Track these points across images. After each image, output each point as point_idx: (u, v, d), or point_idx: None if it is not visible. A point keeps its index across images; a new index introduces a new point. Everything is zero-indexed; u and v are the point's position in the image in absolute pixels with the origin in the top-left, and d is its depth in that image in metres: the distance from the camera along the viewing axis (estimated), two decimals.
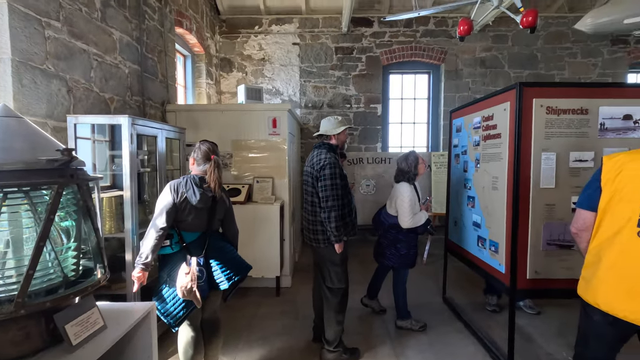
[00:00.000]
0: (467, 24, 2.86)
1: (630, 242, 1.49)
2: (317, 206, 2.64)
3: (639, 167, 1.51)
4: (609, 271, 1.55)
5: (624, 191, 1.53)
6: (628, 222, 1.50)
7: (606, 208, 1.58)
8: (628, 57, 6.12)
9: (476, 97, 6.13)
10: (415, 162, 3.07)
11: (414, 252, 3.12)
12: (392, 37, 6.08)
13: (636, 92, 2.40)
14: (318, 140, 2.81)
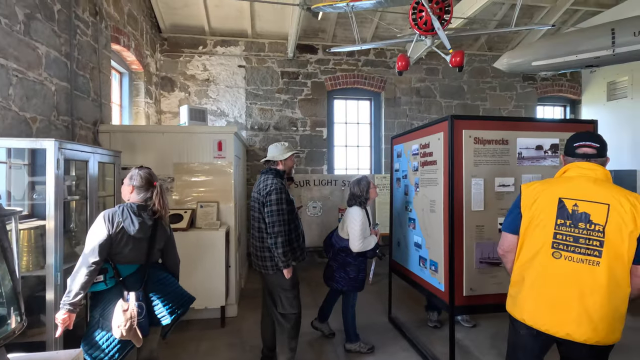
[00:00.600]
0: (405, 60, 3.13)
1: (546, 263, 1.68)
2: (264, 232, 2.61)
3: (550, 196, 1.70)
4: (531, 289, 1.72)
5: (540, 217, 1.71)
6: (544, 245, 1.69)
7: (526, 232, 1.76)
8: (536, 92, 7.08)
9: (413, 123, 6.61)
10: (366, 186, 3.17)
11: (362, 275, 3.19)
12: (336, 65, 6.36)
13: (544, 126, 2.78)
14: (265, 165, 2.81)
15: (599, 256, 1.57)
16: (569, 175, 1.74)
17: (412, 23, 2.87)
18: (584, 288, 1.58)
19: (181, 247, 2.33)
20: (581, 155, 1.73)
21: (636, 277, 1.58)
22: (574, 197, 1.65)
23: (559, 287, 1.63)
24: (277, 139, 6.21)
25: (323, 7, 3.24)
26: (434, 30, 2.78)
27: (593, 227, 1.59)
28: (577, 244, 1.61)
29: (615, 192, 1.60)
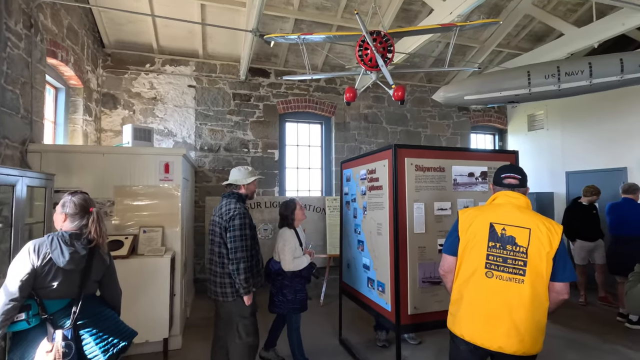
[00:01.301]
0: (352, 92, 3.33)
1: (480, 282, 1.86)
2: (225, 257, 2.57)
3: (483, 221, 1.91)
4: (469, 307, 1.88)
5: (474, 240, 1.90)
6: (478, 265, 1.87)
7: (463, 254, 1.94)
8: (470, 121, 7.81)
9: (362, 147, 6.92)
10: (293, 208, 3.28)
11: (301, 296, 3.19)
12: (288, 89, 6.51)
13: (475, 156, 3.10)
14: (227, 189, 2.79)
15: (524, 275, 1.77)
16: (498, 202, 1.97)
17: (358, 59, 3.09)
18: (512, 304, 1.77)
19: (121, 276, 2.19)
20: (507, 185, 1.97)
21: (553, 292, 1.81)
22: (502, 222, 1.86)
23: (492, 304, 1.81)
24: (227, 161, 6.13)
25: (275, 37, 3.36)
26: (378, 67, 3.02)
27: (518, 248, 1.80)
28: (506, 264, 1.81)
29: (535, 218, 1.85)
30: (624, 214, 4.56)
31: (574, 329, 4.33)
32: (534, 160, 7.32)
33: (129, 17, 5.11)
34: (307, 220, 5.90)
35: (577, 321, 4.57)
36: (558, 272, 1.78)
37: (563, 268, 1.78)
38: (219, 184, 6.04)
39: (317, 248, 5.93)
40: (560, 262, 1.78)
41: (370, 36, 2.85)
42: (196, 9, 5.10)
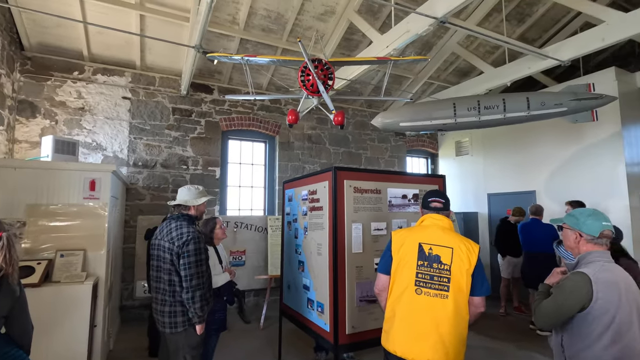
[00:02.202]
0: (294, 115, 3.41)
1: (411, 298, 1.98)
2: (176, 285, 2.38)
3: (413, 241, 2.05)
4: (401, 323, 1.98)
5: (406, 259, 2.04)
6: (409, 283, 1.99)
7: (396, 272, 2.06)
8: (406, 145, 8.37)
9: (305, 167, 7.02)
10: (212, 227, 3.23)
11: (219, 316, 3.03)
12: (231, 107, 6.44)
13: (408, 179, 3.33)
14: (174, 210, 2.62)
15: (448, 290, 1.93)
16: (425, 224, 2.14)
17: (300, 84, 3.19)
18: (438, 319, 1.90)
19: (31, 307, 1.94)
20: (433, 208, 2.16)
21: (472, 306, 1.98)
22: (429, 242, 2.03)
23: (421, 320, 1.93)
24: (164, 177, 5.81)
25: (219, 56, 3.34)
26: (319, 92, 3.15)
27: (443, 266, 1.96)
28: (432, 281, 1.96)
29: (456, 238, 2.04)
30: (532, 233, 5.17)
31: (494, 338, 4.73)
32: (461, 183, 8.02)
33: (58, 20, 4.72)
34: (248, 240, 5.80)
35: (497, 331, 5.00)
36: (476, 287, 1.95)
37: (481, 283, 1.96)
38: (153, 202, 5.68)
39: (259, 269, 5.81)
40: (478, 278, 1.96)
41: (312, 63, 2.98)
42: (134, 18, 4.89)
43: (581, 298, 1.64)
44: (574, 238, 1.84)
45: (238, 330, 5.01)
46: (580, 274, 1.68)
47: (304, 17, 5.47)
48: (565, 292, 1.70)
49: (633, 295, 1.65)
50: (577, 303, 1.65)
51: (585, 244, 1.81)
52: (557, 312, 1.71)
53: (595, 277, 1.63)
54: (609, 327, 1.60)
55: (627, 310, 1.61)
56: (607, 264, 1.70)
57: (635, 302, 1.64)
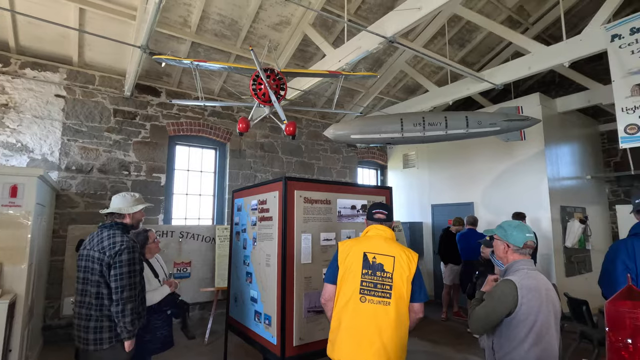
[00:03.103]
0: (245, 123, 3.36)
1: (356, 307, 2.02)
2: (104, 298, 2.19)
3: (358, 250, 2.12)
4: (346, 331, 2.01)
5: (351, 268, 2.09)
6: (354, 292, 2.04)
7: (342, 282, 2.10)
8: (357, 156, 8.61)
9: (257, 175, 6.92)
10: (144, 241, 2.91)
11: (162, 333, 2.82)
12: (180, 111, 6.18)
13: (356, 190, 3.42)
14: (107, 218, 2.41)
15: (390, 298, 2.00)
16: (370, 234, 2.22)
17: (252, 93, 3.16)
18: (381, 325, 1.97)
19: None
20: (377, 219, 2.25)
21: (412, 312, 2.07)
22: (373, 251, 2.10)
23: (365, 327, 1.98)
24: (102, 184, 5.38)
25: (166, 59, 3.20)
26: (271, 102, 3.14)
27: (385, 274, 2.04)
28: (376, 289, 2.02)
29: (398, 248, 2.13)
30: (468, 242, 5.55)
31: (435, 342, 4.97)
32: (408, 194, 8.41)
33: None
34: (194, 251, 5.54)
35: (439, 335, 5.26)
36: (415, 294, 2.06)
37: (419, 290, 2.07)
38: (88, 210, 5.22)
39: (205, 281, 5.56)
40: (416, 285, 2.06)
41: (264, 73, 2.97)
42: (73, 11, 4.52)
43: (508, 304, 1.78)
44: (503, 248, 2.01)
45: (181, 346, 4.72)
46: (507, 281, 1.84)
47: (259, 26, 5.45)
48: (494, 299, 1.83)
49: (552, 300, 1.83)
50: (505, 309, 1.79)
51: (512, 253, 1.98)
52: (487, 317, 1.84)
53: (520, 284, 1.79)
54: (531, 330, 1.75)
55: (547, 314, 1.78)
56: (530, 272, 1.87)
57: (554, 306, 1.83)
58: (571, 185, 6.58)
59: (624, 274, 2.17)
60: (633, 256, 2.18)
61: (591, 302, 4.11)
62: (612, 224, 7.21)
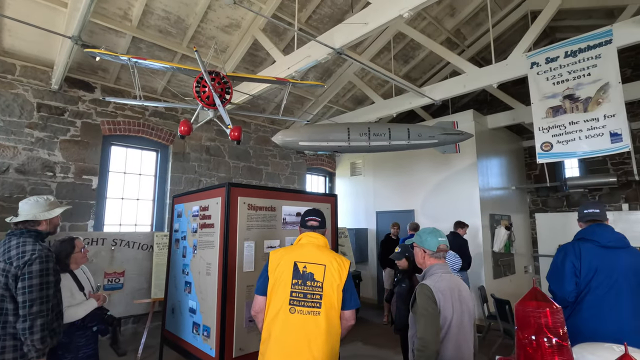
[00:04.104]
0: (187, 126, 3.22)
1: (285, 318, 1.96)
2: (9, 314, 1.93)
3: (289, 260, 2.06)
4: (275, 344, 1.95)
5: (281, 278, 2.02)
6: (283, 303, 1.98)
7: (272, 292, 2.03)
8: (306, 163, 8.67)
9: (202, 180, 6.65)
10: (69, 250, 2.60)
11: (86, 352, 2.56)
12: (117, 109, 5.75)
13: (301, 197, 3.44)
14: (17, 226, 2.14)
15: (320, 307, 1.97)
16: (302, 242, 2.17)
17: (195, 95, 3.05)
18: (311, 335, 1.93)
19: None
20: (309, 227, 2.21)
21: (343, 319, 2.05)
22: (304, 260, 2.05)
23: (294, 339, 1.93)
24: (20, 185, 4.80)
25: (100, 53, 2.96)
26: (215, 105, 3.05)
27: (316, 283, 2.00)
28: (306, 299, 1.97)
29: (329, 256, 2.09)
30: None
31: (378, 346, 5.12)
32: (354, 201, 8.64)
33: None
34: (129, 259, 5.15)
35: (381, 339, 5.43)
36: (346, 302, 2.04)
37: (350, 297, 2.05)
38: (2, 214, 4.62)
39: (141, 292, 5.19)
40: (347, 292, 2.04)
41: (208, 75, 2.88)
42: None
43: (435, 306, 1.88)
44: (421, 254, 2.15)
45: None
46: (423, 286, 1.96)
47: (208, 26, 5.29)
48: (423, 306, 1.89)
49: (465, 300, 1.98)
50: (437, 311, 1.88)
51: (428, 258, 2.12)
52: (432, 324, 1.83)
53: (435, 286, 1.93)
54: (445, 327, 1.88)
55: (460, 313, 1.93)
56: (444, 275, 2.02)
57: (467, 306, 1.98)
58: (499, 195, 7.23)
59: (572, 272, 2.41)
60: (579, 256, 2.42)
61: (514, 302, 4.52)
62: (532, 230, 8.04)
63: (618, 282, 2.31)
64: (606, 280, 2.33)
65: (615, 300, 2.29)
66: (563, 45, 4.39)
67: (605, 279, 2.33)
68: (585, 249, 2.44)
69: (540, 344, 1.15)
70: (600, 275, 2.34)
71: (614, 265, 2.34)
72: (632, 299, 2.28)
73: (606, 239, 2.43)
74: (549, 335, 1.14)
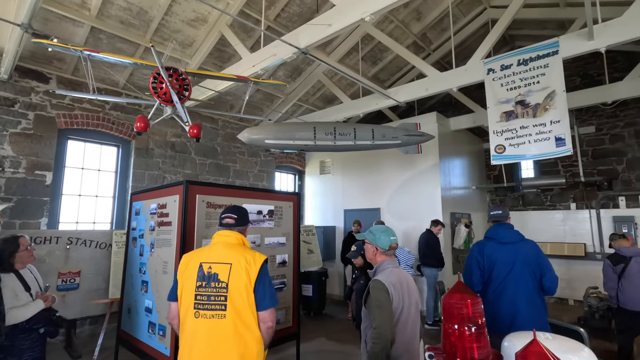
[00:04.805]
0: (144, 122, 3.14)
1: (191, 323, 1.87)
2: None
3: (195, 261, 1.95)
4: (183, 350, 1.88)
5: (187, 282, 1.92)
6: (189, 307, 1.88)
7: (181, 296, 1.93)
8: (275, 161, 8.65)
9: (166, 176, 6.50)
10: (12, 248, 2.51)
11: (30, 356, 2.47)
12: (75, 102, 5.50)
13: (263, 195, 3.46)
14: None
15: (225, 309, 1.83)
16: (213, 242, 2.05)
17: (152, 91, 2.99)
18: (216, 341, 1.81)
19: None
20: (224, 224, 2.09)
21: (261, 322, 1.89)
22: (210, 261, 1.93)
23: (199, 344, 1.82)
24: None
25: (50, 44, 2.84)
26: (173, 102, 3.00)
27: (220, 284, 1.86)
28: (210, 302, 1.85)
29: (238, 253, 1.94)
30: None
31: (342, 342, 5.23)
32: (323, 199, 8.73)
33: None
34: (86, 259, 4.96)
35: (345, 335, 5.55)
36: (258, 302, 1.89)
37: (262, 297, 1.89)
38: None
39: (98, 292, 5.01)
40: (259, 292, 1.89)
41: (165, 71, 2.83)
42: None
43: (389, 299, 1.96)
44: (373, 251, 2.24)
45: None
46: (375, 281, 2.05)
47: (172, 19, 5.17)
48: (378, 301, 1.95)
49: (412, 292, 2.10)
50: (390, 302, 1.94)
51: (380, 255, 2.21)
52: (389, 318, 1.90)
53: (387, 281, 2.02)
54: (398, 319, 1.98)
55: (408, 304, 2.04)
56: (394, 269, 2.13)
57: (414, 297, 2.10)
58: (460, 194, 7.55)
59: (477, 266, 2.84)
60: (482, 252, 2.84)
61: None
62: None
63: (513, 272, 2.73)
64: (504, 270, 2.74)
65: (512, 287, 2.71)
66: (516, 53, 4.66)
67: (502, 270, 2.75)
68: (487, 246, 2.86)
69: (462, 332, 1.25)
70: (498, 266, 2.76)
71: (510, 258, 2.75)
72: (524, 285, 2.70)
73: (503, 236, 2.85)
74: (469, 324, 1.24)
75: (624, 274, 3.72)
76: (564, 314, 6.11)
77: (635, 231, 6.67)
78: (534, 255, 2.75)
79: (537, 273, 2.72)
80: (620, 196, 7.15)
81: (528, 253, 2.76)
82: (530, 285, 2.69)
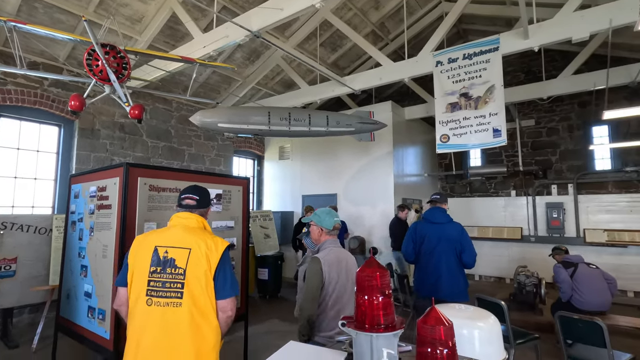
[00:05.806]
0: (79, 101, 2.97)
1: (142, 311, 1.73)
2: None
3: (149, 245, 1.80)
4: (132, 338, 1.74)
5: (139, 267, 1.77)
6: (140, 293, 1.74)
7: (132, 281, 1.79)
8: (233, 145, 8.52)
9: (114, 159, 6.21)
10: None
11: None
12: (7, 76, 5.06)
13: (212, 179, 3.44)
14: None
15: (181, 297, 1.70)
16: (170, 224, 1.89)
17: (87, 68, 2.84)
18: (170, 330, 1.69)
19: None
20: (184, 206, 1.93)
21: (220, 311, 1.76)
22: (166, 245, 1.78)
23: (151, 333, 1.70)
24: None
25: None
26: (110, 81, 2.88)
27: (177, 270, 1.73)
28: (164, 289, 1.72)
29: (198, 238, 1.80)
30: None
31: (294, 322, 5.38)
32: (282, 185, 8.77)
33: None
34: (23, 245, 4.70)
35: None
36: (218, 290, 1.77)
37: (223, 285, 1.77)
38: None
39: (38, 279, 4.77)
40: (220, 279, 1.77)
41: (101, 48, 2.69)
42: None
43: (319, 276, 2.12)
44: (318, 232, 2.36)
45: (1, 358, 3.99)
46: (314, 259, 2.19)
47: None
48: (310, 278, 2.16)
49: (350, 270, 2.26)
50: (319, 281, 2.13)
51: (324, 235, 2.36)
52: (312, 294, 2.12)
53: (324, 259, 2.16)
54: (331, 295, 2.15)
55: (344, 281, 2.21)
56: (334, 249, 2.28)
57: (352, 275, 2.25)
58: (412, 181, 7.91)
59: (410, 240, 3.54)
60: (416, 229, 3.54)
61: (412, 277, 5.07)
62: None
63: (438, 247, 3.36)
64: (430, 245, 3.39)
65: (435, 259, 3.36)
66: (462, 48, 4.90)
67: (429, 244, 3.40)
68: (420, 225, 3.56)
69: (371, 301, 1.38)
70: (427, 242, 3.42)
71: (436, 235, 3.37)
72: (446, 258, 3.33)
73: (434, 217, 3.48)
74: (377, 294, 1.38)
75: (574, 276, 3.97)
76: (500, 291, 6.68)
77: (563, 216, 7.38)
78: (458, 234, 3.30)
79: (459, 249, 3.30)
80: (553, 184, 7.85)
81: (452, 232, 3.31)
82: (452, 258, 3.31)
